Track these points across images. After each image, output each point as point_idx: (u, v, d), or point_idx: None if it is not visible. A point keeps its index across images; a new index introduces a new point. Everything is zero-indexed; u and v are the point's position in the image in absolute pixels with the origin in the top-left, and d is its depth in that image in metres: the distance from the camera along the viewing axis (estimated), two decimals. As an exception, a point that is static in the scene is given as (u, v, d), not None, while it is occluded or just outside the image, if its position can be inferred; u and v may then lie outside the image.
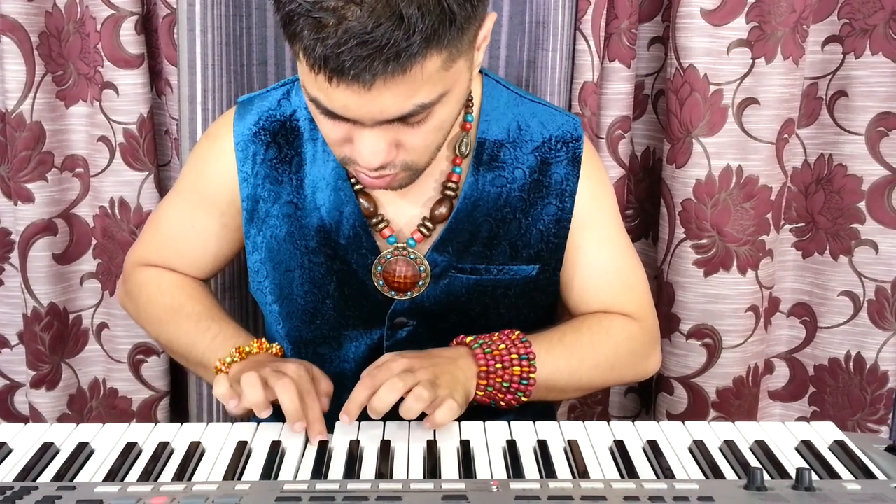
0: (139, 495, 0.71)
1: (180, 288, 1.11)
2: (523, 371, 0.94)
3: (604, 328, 1.04)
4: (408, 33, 0.73)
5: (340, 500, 0.70)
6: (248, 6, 1.33)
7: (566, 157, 1.02)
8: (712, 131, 1.33)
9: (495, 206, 1.01)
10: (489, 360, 0.94)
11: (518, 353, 0.95)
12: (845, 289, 1.44)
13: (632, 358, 1.07)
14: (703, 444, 0.87)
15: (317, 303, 1.04)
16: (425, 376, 0.87)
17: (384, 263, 1.00)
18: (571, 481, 0.75)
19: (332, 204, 1.01)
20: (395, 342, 1.04)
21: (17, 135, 1.37)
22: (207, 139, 1.08)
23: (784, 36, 1.29)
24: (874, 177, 1.38)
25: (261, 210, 1.03)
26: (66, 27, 1.37)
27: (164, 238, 1.13)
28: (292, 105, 1.03)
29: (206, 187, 1.07)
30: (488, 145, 1.00)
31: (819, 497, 0.71)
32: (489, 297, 1.04)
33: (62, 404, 1.51)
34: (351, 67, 0.74)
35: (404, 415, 0.85)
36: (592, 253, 1.05)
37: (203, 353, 1.04)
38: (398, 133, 0.83)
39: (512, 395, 0.95)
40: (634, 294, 1.08)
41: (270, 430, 0.90)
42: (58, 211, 1.44)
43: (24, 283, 1.43)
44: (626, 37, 1.33)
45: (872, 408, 1.46)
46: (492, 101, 1.01)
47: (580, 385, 1.03)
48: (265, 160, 1.02)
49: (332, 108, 0.80)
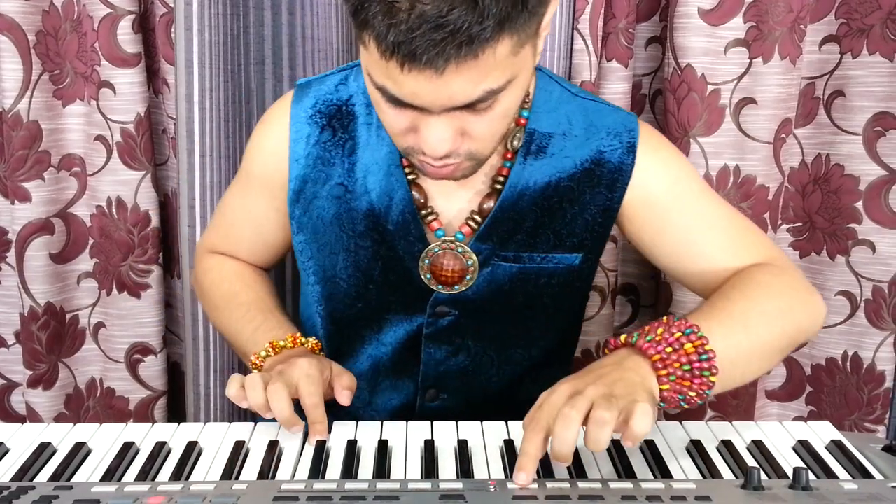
0: (136, 495, 0.71)
1: (238, 276, 1.13)
2: (696, 345, 0.81)
3: (746, 279, 0.95)
4: (481, 17, 0.73)
5: (338, 499, 0.70)
6: (245, 5, 1.33)
7: (620, 146, 1.00)
8: (710, 131, 1.33)
9: (542, 196, 0.99)
10: (657, 346, 0.81)
11: (679, 329, 0.82)
12: (842, 288, 1.44)
13: (793, 295, 0.96)
14: (701, 443, 0.87)
15: (360, 287, 1.04)
16: (597, 392, 0.75)
17: (431, 257, 1.00)
18: (569, 481, 0.75)
19: (382, 189, 1.00)
20: (436, 330, 1.04)
21: (14, 134, 1.37)
22: (262, 124, 1.08)
23: (781, 36, 1.29)
24: (871, 177, 1.38)
25: (308, 191, 1.03)
26: (63, 26, 1.37)
27: (227, 225, 1.15)
28: (349, 90, 1.02)
29: (260, 172, 1.07)
30: (537, 136, 0.99)
31: (816, 497, 0.71)
32: (532, 285, 1.03)
33: (59, 404, 1.51)
34: (424, 53, 0.74)
35: (593, 447, 0.73)
36: (696, 222, 1.01)
37: (245, 343, 1.05)
38: (464, 121, 0.82)
39: (698, 378, 0.81)
40: (755, 240, 1.02)
41: (268, 430, 0.89)
42: (55, 210, 1.44)
43: (21, 282, 1.43)
44: (624, 36, 1.33)
45: (869, 407, 1.46)
46: (544, 95, 1.01)
47: (763, 345, 0.90)
48: (318, 142, 1.02)
49: (401, 95, 0.79)
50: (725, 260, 1.00)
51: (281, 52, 1.37)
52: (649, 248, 1.03)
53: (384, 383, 1.08)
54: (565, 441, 0.72)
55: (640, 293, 1.51)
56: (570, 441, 0.72)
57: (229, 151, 1.36)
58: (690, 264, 1.01)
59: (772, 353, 0.93)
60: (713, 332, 0.84)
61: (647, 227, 1.02)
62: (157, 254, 1.46)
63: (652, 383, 0.80)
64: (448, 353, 1.05)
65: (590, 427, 0.73)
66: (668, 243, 1.01)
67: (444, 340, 1.05)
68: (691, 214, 1.01)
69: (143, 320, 1.48)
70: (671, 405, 0.82)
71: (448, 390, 1.07)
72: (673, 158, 1.03)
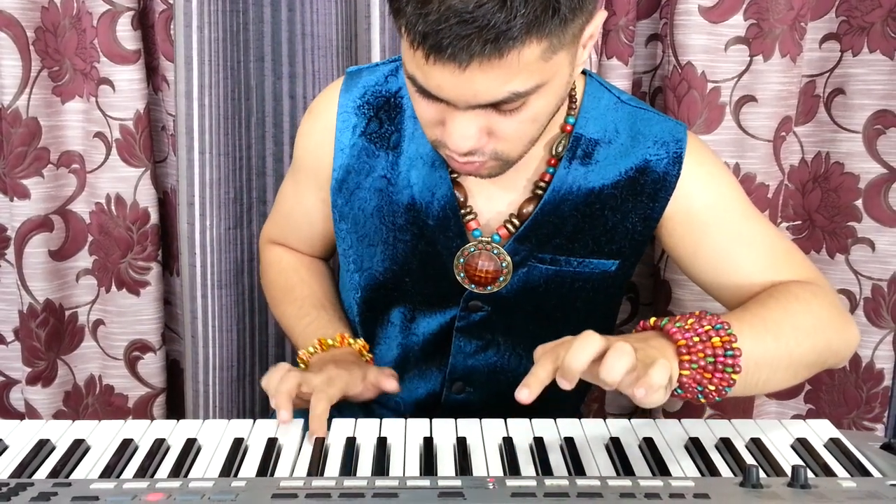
0: (135, 492, 0.71)
1: (295, 270, 1.16)
2: (723, 341, 0.82)
3: (786, 292, 0.95)
4: (509, 17, 0.73)
5: (337, 496, 0.70)
6: (244, 2, 1.33)
7: (667, 156, 0.99)
8: (710, 129, 1.33)
9: (585, 202, 0.99)
10: (685, 333, 0.82)
11: (710, 324, 0.83)
12: (842, 287, 1.44)
13: (830, 318, 0.96)
14: (700, 441, 0.87)
15: (396, 279, 1.05)
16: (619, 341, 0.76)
17: (466, 256, 1.00)
18: (568, 478, 0.75)
19: (425, 184, 1.00)
20: (468, 324, 1.04)
21: (13, 131, 1.37)
22: (310, 114, 1.08)
23: (782, 33, 1.29)
24: (871, 175, 1.38)
25: (351, 181, 1.03)
26: (63, 22, 1.37)
27: (283, 216, 1.17)
28: (399, 82, 1.02)
29: (309, 163, 1.08)
30: (584, 142, 0.99)
31: (815, 495, 0.71)
32: (567, 288, 1.03)
33: (58, 401, 1.51)
34: (449, 45, 0.74)
35: (605, 375, 0.73)
36: (738, 238, 1.00)
37: (297, 338, 1.09)
38: (490, 120, 0.82)
39: (720, 373, 0.82)
40: (796, 259, 1.02)
41: (267, 427, 0.89)
42: (54, 207, 1.43)
43: (20, 279, 1.43)
44: (624, 34, 1.33)
45: (868, 406, 1.46)
46: (593, 101, 1.00)
47: (791, 355, 0.90)
48: (364, 133, 1.02)
49: (428, 86, 0.80)
50: (763, 276, 0.98)
51: (280, 48, 1.37)
52: (687, 261, 1.03)
53: (412, 372, 1.09)
54: (577, 358, 0.73)
55: (640, 291, 1.51)
56: (582, 358, 0.73)
57: (229, 148, 1.36)
58: (726, 279, 1.00)
59: (798, 366, 0.92)
60: (743, 333, 0.84)
61: (687, 239, 1.01)
62: (156, 251, 1.46)
63: (674, 364, 0.80)
64: (478, 348, 1.06)
65: (609, 354, 0.73)
66: (705, 256, 1.01)
67: (475, 335, 1.05)
68: (732, 231, 1.00)
69: (142, 317, 1.47)
70: (689, 394, 0.82)
71: (474, 384, 1.08)
72: (720, 173, 1.02)
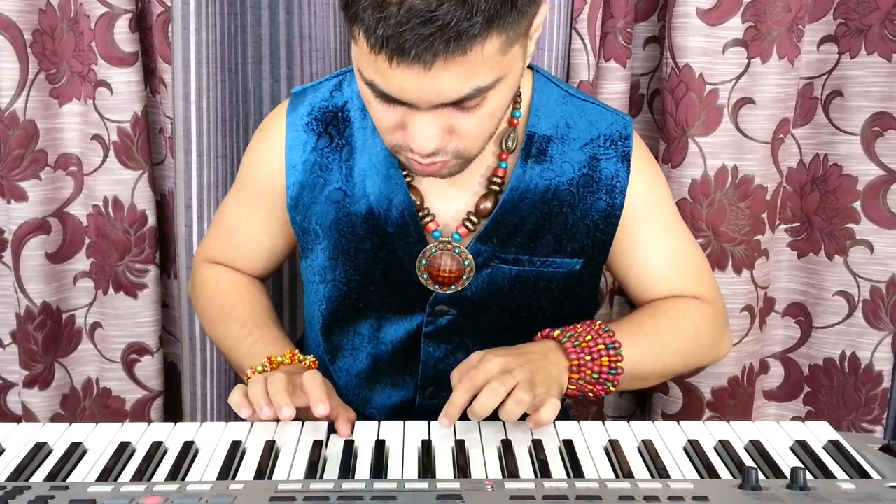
0: (132, 495, 0.71)
1: (235, 289, 1.13)
2: (611, 361, 0.94)
3: (680, 312, 1.04)
4: (470, 13, 0.74)
5: (335, 499, 0.69)
6: (242, 4, 1.32)
7: (615, 155, 1.02)
8: (708, 131, 1.33)
9: (542, 200, 1.01)
10: (579, 353, 0.93)
11: (604, 342, 0.94)
12: (840, 289, 1.44)
13: (708, 339, 1.08)
14: (698, 443, 0.87)
15: (360, 288, 1.05)
16: (523, 376, 0.86)
17: (428, 257, 1.01)
18: (566, 481, 0.75)
19: (381, 191, 1.01)
20: (435, 329, 1.05)
21: (11, 133, 1.36)
22: (260, 133, 1.08)
23: (780, 36, 1.29)
24: (869, 177, 1.38)
25: (305, 196, 1.03)
26: (60, 25, 1.37)
27: (225, 233, 1.15)
28: (344, 96, 1.03)
29: (259, 181, 1.07)
30: (537, 139, 1.01)
31: (814, 496, 0.71)
32: (531, 289, 1.04)
33: (55, 404, 1.51)
34: (412, 47, 0.75)
35: (505, 418, 0.85)
36: (657, 243, 1.06)
37: (241, 358, 1.05)
38: (452, 119, 0.83)
39: (601, 385, 0.94)
40: (702, 278, 1.09)
41: (265, 430, 0.89)
42: (51, 210, 1.43)
43: (17, 282, 1.42)
44: (622, 36, 1.33)
45: (867, 408, 1.46)
46: (542, 97, 1.02)
47: (663, 371, 1.03)
48: (315, 148, 1.03)
49: (389, 90, 0.80)
50: (669, 285, 1.07)
51: (278, 51, 1.37)
52: None
53: (384, 381, 1.08)
54: (485, 407, 0.84)
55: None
56: (489, 408, 0.84)
57: (226, 151, 1.36)
58: (634, 276, 1.07)
59: (664, 377, 1.07)
60: (631, 352, 0.96)
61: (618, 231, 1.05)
62: (153, 254, 1.45)
63: (564, 381, 0.92)
64: (447, 352, 1.05)
65: (508, 402, 0.84)
66: (622, 249, 1.06)
67: (444, 339, 1.05)
68: (654, 236, 1.06)
69: (139, 320, 1.47)
70: (573, 396, 0.95)
71: (447, 388, 1.06)
72: (659, 177, 1.08)
